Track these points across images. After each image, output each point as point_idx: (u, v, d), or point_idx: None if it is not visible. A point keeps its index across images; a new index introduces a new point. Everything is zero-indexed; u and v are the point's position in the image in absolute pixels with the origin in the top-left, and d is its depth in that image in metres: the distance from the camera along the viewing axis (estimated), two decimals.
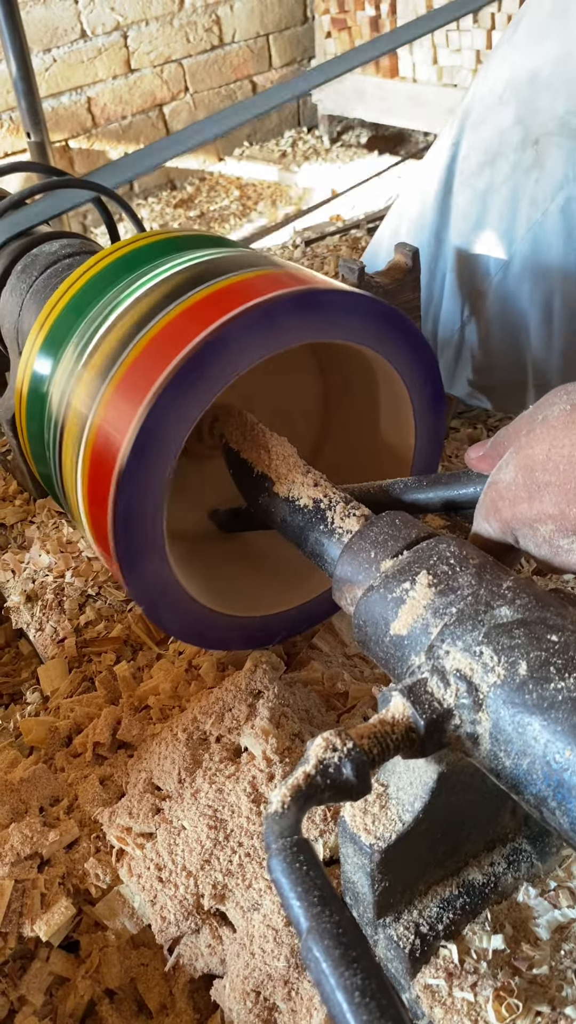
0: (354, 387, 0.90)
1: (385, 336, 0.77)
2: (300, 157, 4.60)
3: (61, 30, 3.82)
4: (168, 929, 0.70)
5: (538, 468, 0.55)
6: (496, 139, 1.17)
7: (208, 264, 0.77)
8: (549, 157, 1.12)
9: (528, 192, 1.14)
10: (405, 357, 0.80)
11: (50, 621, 1.04)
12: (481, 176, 1.19)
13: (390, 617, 0.59)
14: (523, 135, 1.14)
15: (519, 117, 1.14)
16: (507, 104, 1.16)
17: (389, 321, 0.76)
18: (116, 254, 0.85)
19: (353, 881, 0.61)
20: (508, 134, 1.16)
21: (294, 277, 0.74)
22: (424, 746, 0.52)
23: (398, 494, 0.75)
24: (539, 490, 0.56)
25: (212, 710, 0.81)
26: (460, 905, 0.63)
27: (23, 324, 1.05)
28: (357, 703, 0.85)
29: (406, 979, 0.61)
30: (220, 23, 4.36)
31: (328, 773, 0.48)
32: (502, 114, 1.16)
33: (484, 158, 1.19)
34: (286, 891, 0.43)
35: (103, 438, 0.71)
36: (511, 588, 0.56)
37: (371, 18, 4.06)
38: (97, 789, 0.80)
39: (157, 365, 0.68)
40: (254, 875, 0.70)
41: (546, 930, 0.63)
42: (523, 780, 0.49)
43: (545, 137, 1.12)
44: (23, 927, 0.71)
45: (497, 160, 1.17)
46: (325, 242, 2.02)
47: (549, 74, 1.11)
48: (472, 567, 0.59)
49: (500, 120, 1.17)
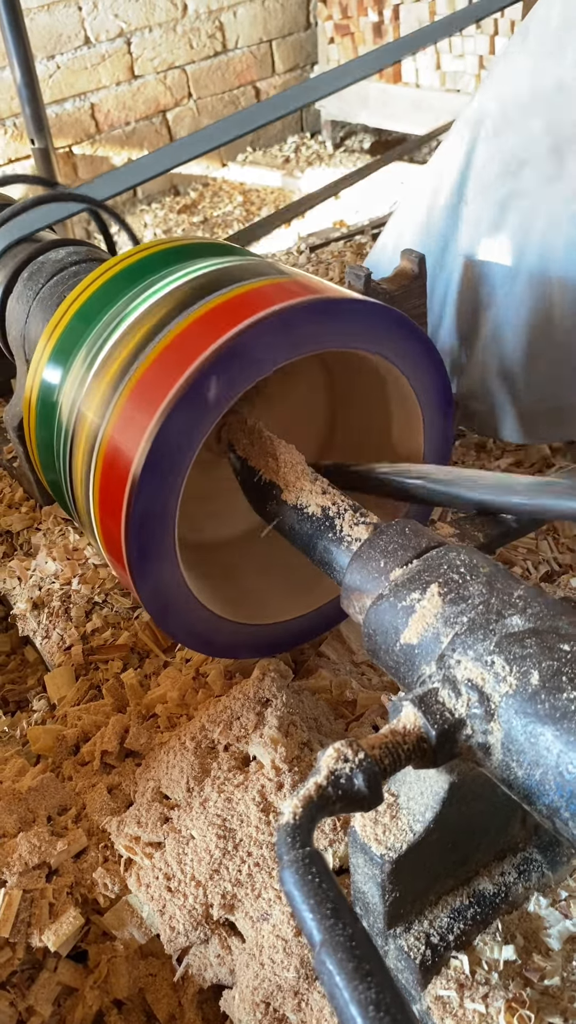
0: (361, 392, 0.90)
1: (395, 342, 0.77)
2: (303, 163, 4.61)
3: (65, 37, 3.83)
4: (177, 939, 0.70)
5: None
6: (523, 148, 1.17)
7: (217, 273, 0.77)
8: (571, 164, 1.12)
9: (547, 201, 1.14)
10: (414, 362, 0.80)
11: (57, 628, 1.04)
12: (503, 185, 1.19)
13: (400, 626, 0.59)
14: (552, 143, 1.14)
15: (548, 127, 1.14)
16: (536, 115, 1.16)
17: (400, 328, 0.76)
18: (124, 263, 0.85)
19: (363, 891, 0.61)
20: (536, 143, 1.15)
21: (304, 286, 0.74)
22: (436, 756, 0.52)
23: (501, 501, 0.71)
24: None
25: (220, 718, 0.81)
26: (471, 915, 0.63)
27: (30, 331, 1.05)
28: (366, 711, 0.85)
29: (417, 990, 0.61)
30: (223, 29, 4.37)
31: (340, 784, 0.47)
32: (531, 124, 1.16)
33: (506, 168, 1.18)
34: (299, 903, 0.43)
35: (116, 448, 0.71)
36: (522, 597, 0.56)
37: (374, 24, 4.06)
38: (105, 798, 0.80)
39: (170, 376, 0.68)
40: (263, 885, 0.69)
41: (557, 940, 0.63)
42: (536, 790, 0.49)
43: (567, 144, 1.12)
44: (31, 937, 0.70)
45: (522, 169, 1.17)
46: (330, 248, 2.02)
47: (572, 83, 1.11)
48: (483, 576, 0.59)
49: (528, 130, 1.17)
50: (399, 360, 0.79)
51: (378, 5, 3.99)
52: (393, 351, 0.77)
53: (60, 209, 1.30)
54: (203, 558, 0.88)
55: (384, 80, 4.03)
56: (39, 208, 1.27)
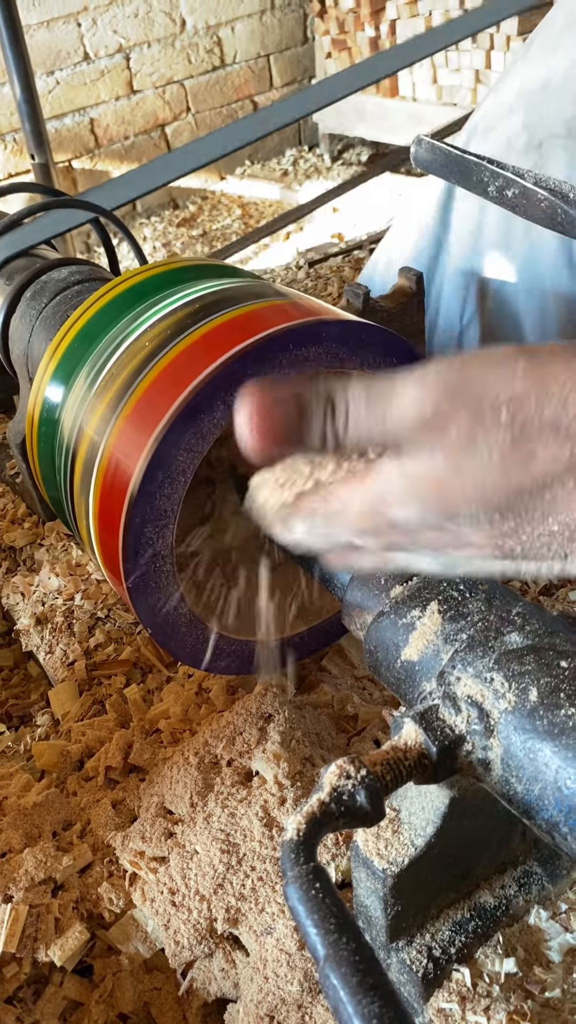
0: None
1: (391, 364, 0.78)
2: (301, 176, 4.64)
3: (64, 53, 3.86)
4: (181, 953, 0.71)
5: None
6: (504, 145, 1.19)
7: (217, 295, 0.78)
8: (552, 159, 1.13)
9: None
10: None
11: (60, 644, 1.05)
12: None
13: (401, 643, 0.60)
14: (528, 140, 1.16)
15: (526, 123, 1.16)
16: (516, 112, 1.18)
17: (396, 350, 0.77)
18: (126, 284, 0.86)
19: (366, 905, 0.62)
20: (515, 140, 1.17)
21: (301, 308, 0.75)
22: (436, 772, 0.53)
23: None
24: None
25: (223, 734, 0.81)
26: (472, 928, 0.64)
27: (33, 350, 1.07)
28: (367, 726, 0.86)
29: (419, 1003, 0.61)
30: (221, 44, 4.41)
31: (342, 800, 0.48)
32: (510, 122, 1.18)
33: None
34: (303, 918, 0.44)
35: (115, 466, 0.72)
36: (520, 614, 0.57)
37: (371, 39, 4.10)
38: (110, 813, 0.81)
39: (168, 396, 0.69)
40: (267, 899, 0.70)
41: (558, 953, 0.64)
42: (535, 806, 0.50)
43: (550, 139, 1.13)
44: (38, 952, 0.71)
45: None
46: (328, 263, 2.04)
47: (560, 81, 1.13)
48: (481, 593, 0.60)
49: (508, 128, 1.18)
50: None
51: (375, 20, 4.02)
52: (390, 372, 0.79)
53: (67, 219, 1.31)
54: (202, 574, 0.89)
55: (381, 94, 4.06)
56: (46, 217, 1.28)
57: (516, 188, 0.74)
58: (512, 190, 0.74)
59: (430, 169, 0.79)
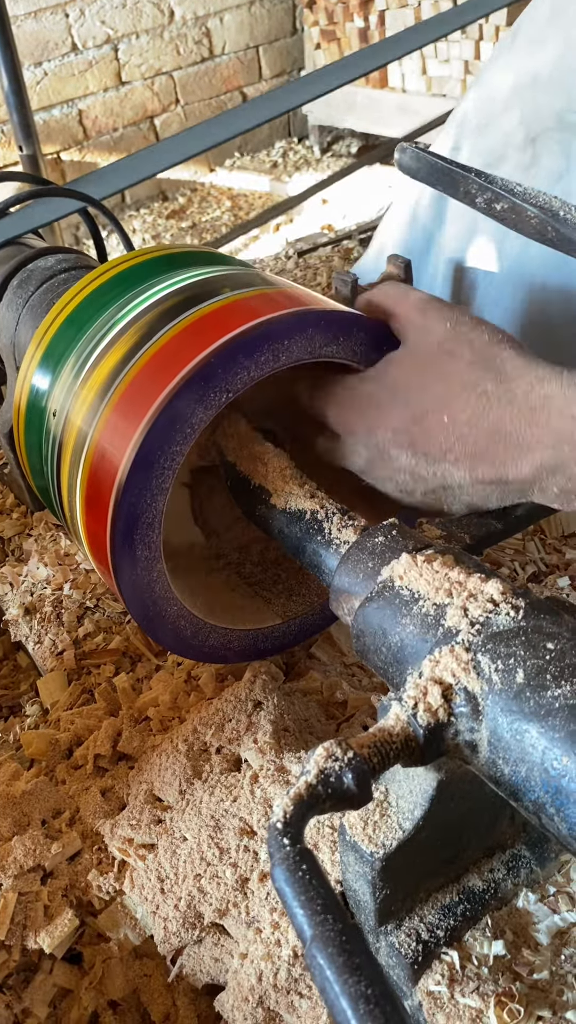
0: None
1: (380, 353, 0.78)
2: (291, 167, 4.63)
3: (52, 43, 3.84)
4: (171, 939, 0.71)
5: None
6: (501, 142, 1.18)
7: (205, 283, 0.78)
8: (546, 153, 1.13)
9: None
10: None
11: (49, 634, 1.04)
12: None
13: (388, 627, 0.60)
14: (524, 135, 1.15)
15: (523, 118, 1.16)
16: (512, 108, 1.18)
17: (383, 339, 0.77)
18: (114, 270, 0.86)
19: (354, 889, 0.62)
20: (512, 136, 1.17)
21: (290, 297, 0.75)
22: (423, 755, 0.53)
23: None
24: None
25: (212, 721, 0.81)
26: (460, 912, 0.64)
27: (19, 338, 1.06)
28: (356, 712, 0.86)
29: (408, 986, 0.62)
30: (210, 35, 4.39)
31: (329, 783, 0.48)
32: (507, 118, 1.18)
33: (488, 160, 1.20)
34: (289, 900, 0.44)
35: (102, 454, 0.71)
36: (507, 597, 0.57)
37: (360, 30, 4.08)
38: (98, 801, 0.81)
39: (156, 384, 0.68)
40: (256, 885, 0.70)
41: (546, 935, 0.64)
42: (522, 787, 0.50)
43: (544, 133, 1.13)
44: (27, 939, 0.71)
45: (501, 163, 1.19)
46: (317, 253, 2.03)
47: (549, 73, 1.13)
48: None
49: (505, 123, 1.18)
50: None
51: (364, 11, 4.01)
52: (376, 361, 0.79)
53: (55, 208, 1.29)
54: (190, 562, 0.89)
55: (371, 85, 4.05)
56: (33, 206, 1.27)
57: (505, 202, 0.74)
58: (501, 204, 0.74)
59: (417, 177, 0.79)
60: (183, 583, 0.80)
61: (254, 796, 0.74)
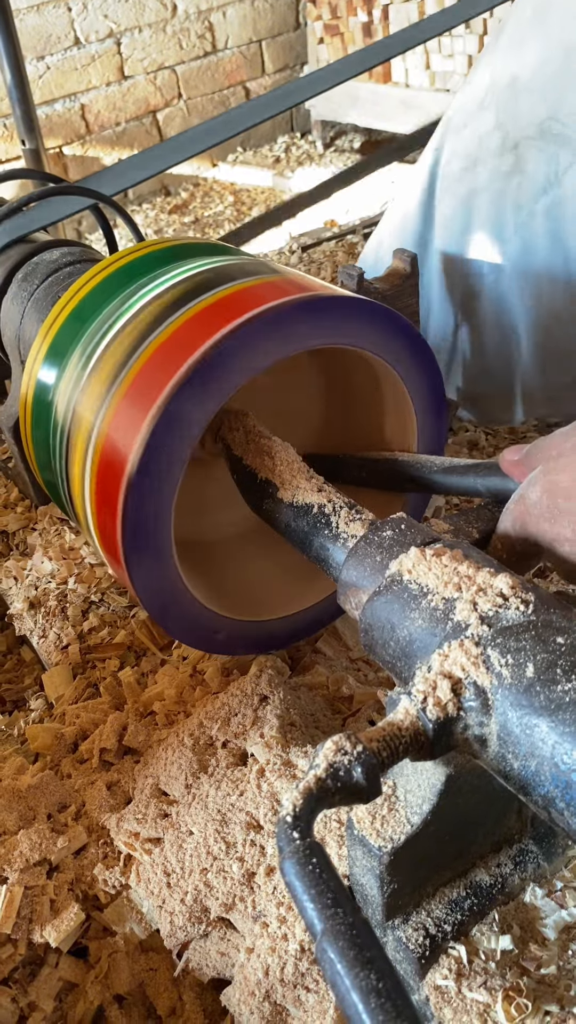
0: (355, 388, 0.91)
1: (388, 340, 0.78)
2: (294, 162, 4.62)
3: (55, 37, 3.83)
4: (177, 934, 0.71)
5: (560, 495, 0.60)
6: (476, 144, 1.18)
7: (210, 273, 0.78)
8: (530, 161, 1.13)
9: (511, 196, 1.16)
10: (407, 361, 0.81)
11: (53, 628, 1.04)
12: (463, 182, 1.20)
13: (396, 621, 0.60)
14: (502, 140, 1.15)
15: (498, 122, 1.15)
16: (487, 109, 1.17)
17: (392, 326, 0.77)
18: (118, 263, 0.86)
19: (362, 883, 0.61)
20: (487, 139, 1.17)
21: (296, 284, 0.75)
22: (432, 749, 0.52)
23: (432, 474, 0.78)
24: (560, 515, 0.60)
25: (218, 715, 0.81)
26: (468, 906, 0.64)
27: (24, 332, 1.06)
28: (362, 707, 0.86)
29: (415, 980, 0.61)
30: (213, 29, 4.37)
31: (339, 776, 0.48)
32: (482, 119, 1.18)
33: (465, 163, 1.20)
34: (299, 893, 0.44)
35: (111, 446, 0.71)
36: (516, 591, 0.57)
37: (363, 24, 4.07)
38: (104, 795, 0.80)
39: (164, 374, 0.68)
40: (262, 879, 0.70)
41: (553, 930, 0.64)
42: (531, 781, 0.50)
43: (525, 141, 1.13)
44: (33, 933, 0.71)
45: (477, 165, 1.18)
46: (321, 248, 2.03)
47: (529, 79, 1.12)
48: None
49: (480, 125, 1.18)
50: (390, 357, 0.80)
51: (367, 5, 4.00)
52: (384, 348, 0.78)
53: (68, 204, 1.30)
54: (200, 555, 0.89)
55: (374, 80, 4.04)
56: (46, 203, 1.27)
57: None
58: None
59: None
60: (196, 573, 0.80)
61: (261, 790, 0.74)
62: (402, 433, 0.87)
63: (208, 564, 0.88)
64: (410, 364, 0.81)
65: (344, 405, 0.98)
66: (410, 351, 0.80)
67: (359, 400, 0.91)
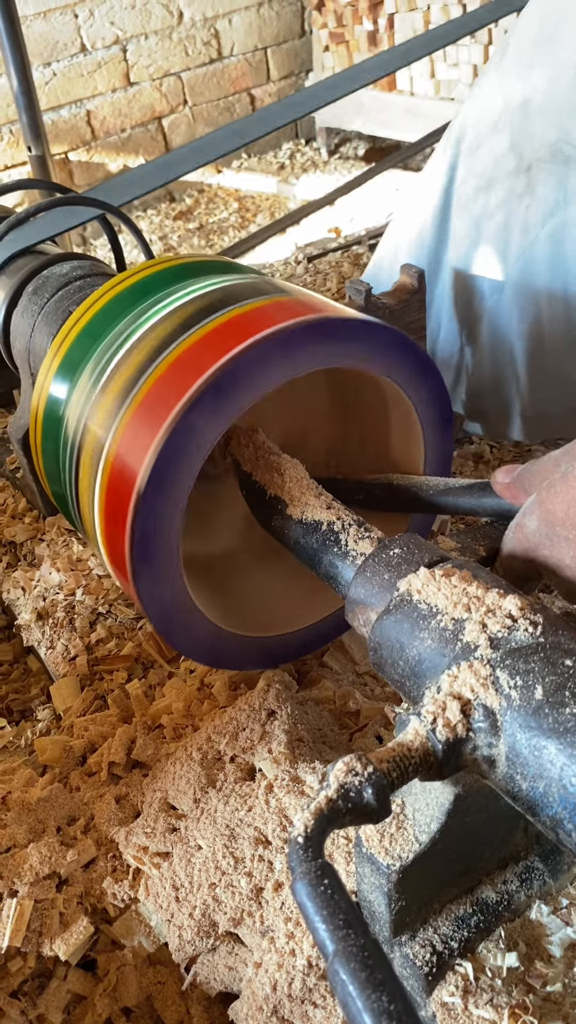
0: (363, 406, 0.92)
1: (395, 361, 0.79)
2: (298, 169, 4.63)
3: (61, 44, 3.84)
4: (185, 947, 0.71)
5: (558, 524, 0.63)
6: (492, 165, 1.19)
7: (221, 292, 0.78)
8: (540, 183, 1.14)
9: (520, 218, 1.16)
10: (414, 380, 0.81)
11: (61, 639, 1.05)
12: (477, 201, 1.21)
13: (406, 640, 0.60)
14: (517, 162, 1.16)
15: (513, 144, 1.16)
16: (501, 131, 1.18)
17: (399, 347, 0.78)
18: (129, 281, 0.86)
19: (370, 900, 0.62)
20: (503, 161, 1.17)
21: (305, 305, 0.75)
22: (442, 770, 0.53)
23: (429, 496, 0.79)
24: (559, 542, 0.63)
25: (226, 729, 0.82)
26: (474, 923, 0.64)
27: (35, 345, 1.07)
28: (369, 722, 0.86)
29: (422, 997, 0.62)
30: (219, 37, 4.39)
31: (349, 797, 0.49)
32: (497, 141, 1.18)
33: (480, 183, 1.21)
34: (311, 914, 0.44)
35: (121, 461, 0.72)
36: (525, 613, 0.57)
37: (369, 32, 4.08)
38: (113, 808, 0.81)
39: (174, 392, 0.69)
40: (271, 894, 0.70)
41: (559, 948, 0.64)
42: (539, 802, 0.50)
43: (537, 164, 1.14)
44: (42, 946, 0.71)
45: (493, 186, 1.19)
46: (327, 258, 2.04)
47: (541, 101, 1.13)
48: None
49: (495, 146, 1.19)
50: (398, 377, 0.80)
51: (373, 14, 4.01)
52: (393, 368, 0.79)
53: (75, 215, 1.31)
54: (207, 570, 0.90)
55: (379, 88, 4.05)
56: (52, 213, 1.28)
57: None
58: None
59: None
60: (204, 589, 0.81)
61: (269, 806, 0.74)
62: (409, 451, 0.88)
63: (215, 579, 0.89)
64: (416, 381, 0.82)
65: (352, 422, 0.98)
66: (417, 370, 0.81)
67: (366, 418, 0.92)
